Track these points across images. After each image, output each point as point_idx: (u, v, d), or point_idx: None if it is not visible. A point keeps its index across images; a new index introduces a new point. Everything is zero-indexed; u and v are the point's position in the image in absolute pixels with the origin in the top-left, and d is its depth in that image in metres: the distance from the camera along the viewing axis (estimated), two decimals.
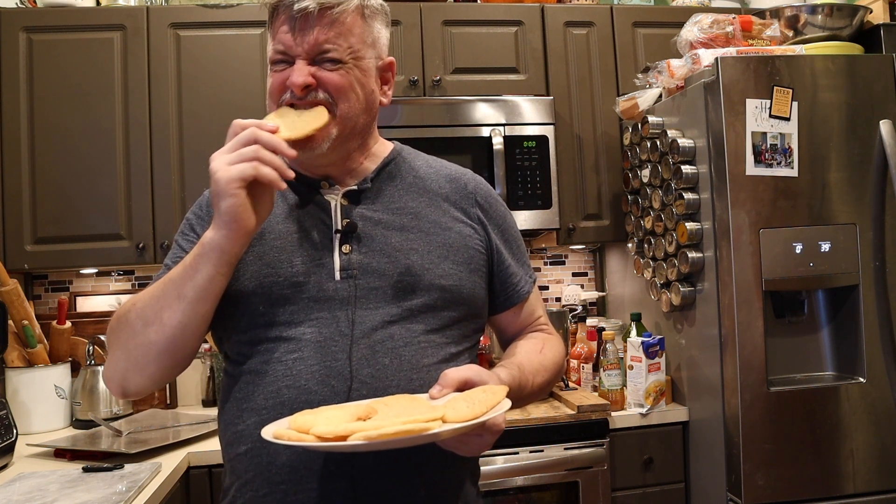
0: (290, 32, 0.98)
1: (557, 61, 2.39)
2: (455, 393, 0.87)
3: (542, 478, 1.93)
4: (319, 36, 0.98)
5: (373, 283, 0.99)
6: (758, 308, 1.81)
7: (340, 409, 0.85)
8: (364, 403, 0.86)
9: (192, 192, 2.17)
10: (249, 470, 0.95)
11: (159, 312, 0.93)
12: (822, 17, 2.14)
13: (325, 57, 0.99)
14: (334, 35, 0.99)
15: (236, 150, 0.87)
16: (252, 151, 0.86)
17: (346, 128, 1.01)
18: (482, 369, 0.91)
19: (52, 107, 2.13)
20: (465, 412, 0.78)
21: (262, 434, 0.81)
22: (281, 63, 1.00)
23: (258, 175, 0.86)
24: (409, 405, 0.85)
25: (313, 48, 0.98)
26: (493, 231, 1.10)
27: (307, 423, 0.78)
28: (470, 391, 0.86)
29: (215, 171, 0.87)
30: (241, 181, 0.86)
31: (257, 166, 0.86)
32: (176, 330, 0.93)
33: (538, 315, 1.18)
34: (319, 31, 0.98)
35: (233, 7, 2.25)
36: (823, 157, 1.87)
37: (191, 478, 1.77)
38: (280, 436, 0.78)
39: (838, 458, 1.82)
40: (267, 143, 0.88)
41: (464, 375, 0.88)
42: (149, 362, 0.95)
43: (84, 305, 2.47)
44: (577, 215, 2.38)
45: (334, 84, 0.99)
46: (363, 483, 0.92)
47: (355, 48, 1.01)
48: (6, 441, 1.66)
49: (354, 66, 1.01)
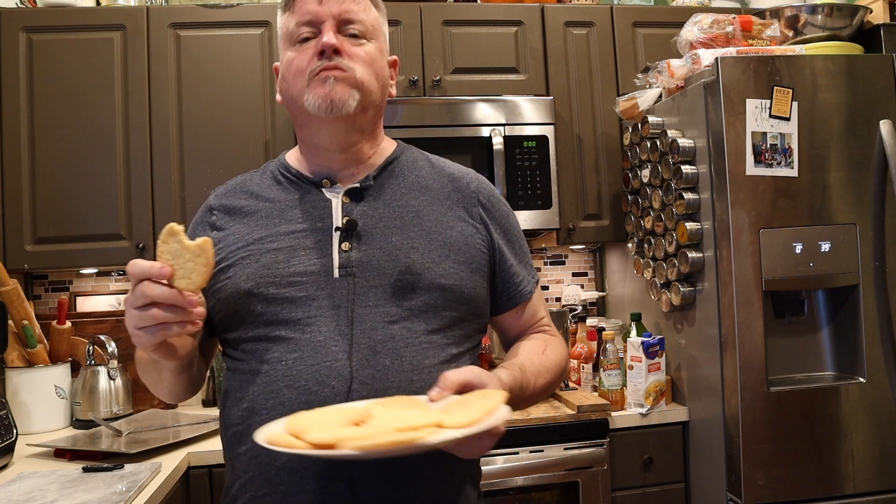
0: (317, 2, 1.00)
1: (557, 61, 2.39)
2: (454, 396, 0.86)
3: (542, 478, 1.93)
4: (346, 6, 1.01)
5: (372, 282, 0.99)
6: (758, 308, 1.81)
7: (336, 412, 0.84)
8: (361, 406, 0.86)
9: (192, 192, 2.17)
10: (249, 470, 0.96)
11: (155, 383, 1.05)
12: (822, 17, 2.14)
13: (350, 29, 1.02)
14: (358, 8, 1.02)
15: (138, 310, 0.83)
16: (153, 318, 0.83)
17: (365, 99, 1.02)
18: (482, 371, 0.91)
19: (52, 107, 2.13)
20: (462, 418, 0.77)
21: (255, 438, 0.81)
22: (306, 41, 1.02)
23: (165, 337, 0.85)
24: (407, 408, 0.84)
25: (341, 16, 1.01)
26: (496, 231, 1.10)
27: (303, 426, 0.78)
28: (468, 395, 0.85)
29: (129, 331, 0.86)
30: (151, 347, 0.86)
31: (163, 333, 0.84)
32: (178, 386, 1.04)
33: (541, 316, 1.17)
34: (346, 2, 1.01)
35: (233, 7, 2.25)
36: (823, 157, 1.87)
37: (191, 478, 1.77)
38: (274, 441, 0.77)
39: (838, 458, 1.82)
40: (163, 300, 0.83)
41: (463, 378, 0.87)
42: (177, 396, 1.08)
43: (84, 305, 2.47)
44: (577, 215, 2.38)
45: (358, 56, 1.02)
46: (362, 485, 0.92)
47: (374, 27, 1.05)
48: (6, 441, 1.66)
49: (374, 43, 1.04)
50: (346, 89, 1.00)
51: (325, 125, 1.03)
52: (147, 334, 0.84)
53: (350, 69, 1.00)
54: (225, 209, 1.09)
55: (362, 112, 1.03)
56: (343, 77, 1.00)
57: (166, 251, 0.86)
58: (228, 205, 1.09)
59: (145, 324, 0.83)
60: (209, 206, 1.11)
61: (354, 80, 1.00)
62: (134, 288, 0.84)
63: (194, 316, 0.85)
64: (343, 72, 1.00)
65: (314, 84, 1.00)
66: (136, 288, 0.83)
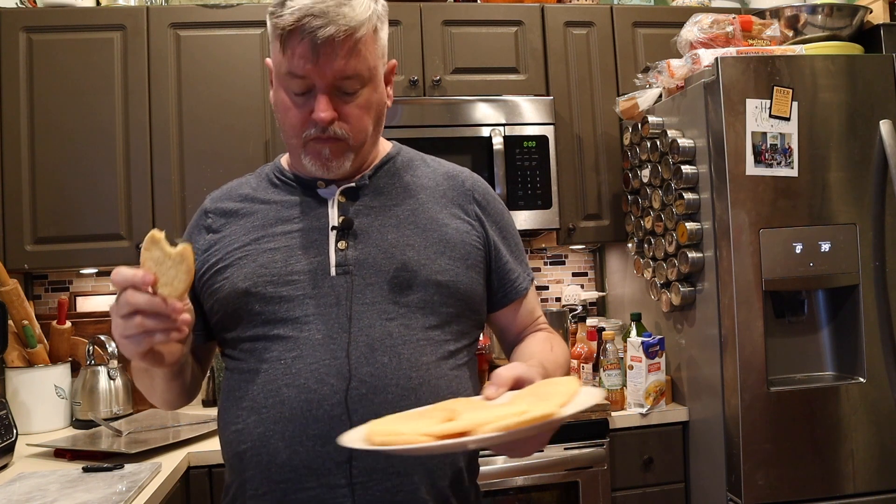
0: (312, 60, 0.94)
1: (557, 61, 2.39)
2: (511, 392, 0.85)
3: (542, 478, 1.93)
4: (341, 65, 0.95)
5: (369, 279, 0.99)
6: (758, 308, 1.81)
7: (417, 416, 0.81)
8: (428, 408, 0.84)
9: (192, 192, 2.17)
10: (249, 468, 0.96)
11: (149, 390, 1.05)
12: (822, 17, 2.14)
13: (345, 87, 0.98)
14: (355, 62, 0.96)
15: (122, 317, 0.83)
16: (138, 327, 0.82)
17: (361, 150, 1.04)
18: (527, 366, 0.90)
19: (52, 107, 2.13)
20: (551, 404, 0.75)
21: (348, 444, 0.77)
22: (300, 95, 0.98)
23: (151, 345, 0.85)
24: (480, 405, 0.82)
25: (336, 79, 0.96)
26: (491, 228, 1.10)
27: (393, 429, 0.74)
28: (534, 386, 0.84)
29: (116, 340, 0.86)
30: (138, 356, 0.86)
31: (149, 341, 0.84)
32: (170, 393, 1.04)
33: (538, 314, 1.18)
34: (342, 60, 0.95)
35: (233, 7, 2.25)
36: (823, 157, 1.87)
37: (191, 478, 1.77)
38: (388, 442, 0.73)
39: (838, 458, 1.82)
40: (147, 308, 0.82)
41: (516, 373, 0.87)
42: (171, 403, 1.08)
43: (84, 305, 2.47)
44: (577, 215, 2.38)
45: (353, 117, 1.00)
46: (362, 482, 0.92)
47: (372, 67, 1.00)
48: (6, 441, 1.66)
49: (369, 86, 1.00)
50: (340, 154, 1.01)
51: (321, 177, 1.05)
52: (132, 343, 0.84)
53: (345, 137, 0.99)
54: (221, 212, 1.09)
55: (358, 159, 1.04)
56: (336, 149, 1.00)
57: (149, 259, 0.85)
58: (224, 207, 1.09)
59: (130, 332, 0.83)
60: (204, 210, 1.12)
61: (348, 146, 1.01)
62: (118, 296, 0.84)
63: (179, 323, 0.84)
64: (337, 142, 1.00)
65: (310, 149, 1.01)
66: (121, 296, 0.83)
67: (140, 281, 0.82)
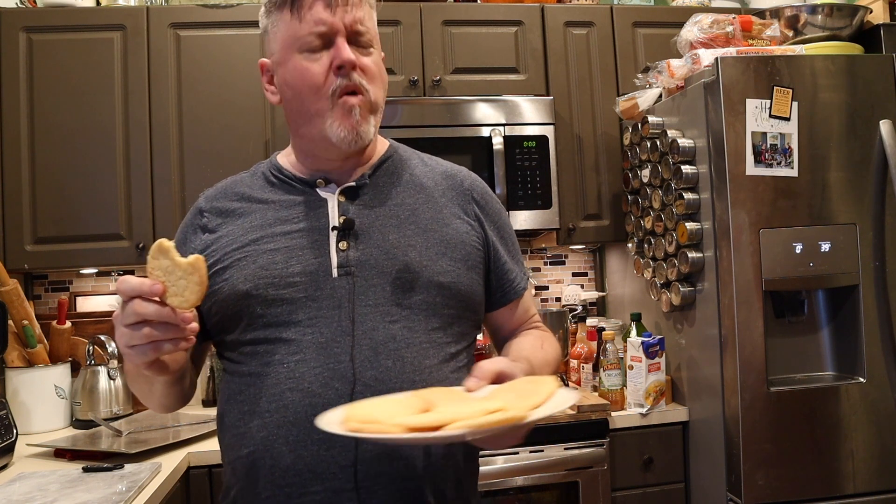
0: (329, 10, 0.98)
1: (557, 61, 2.39)
2: (492, 385, 0.86)
3: (541, 478, 1.93)
4: (357, 13, 0.99)
5: (371, 280, 0.98)
6: (758, 308, 1.81)
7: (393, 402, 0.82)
8: (409, 395, 0.85)
9: (192, 192, 2.17)
10: (252, 473, 0.95)
11: (146, 395, 1.04)
12: (822, 17, 2.14)
13: (360, 39, 1.00)
14: (367, 16, 1.01)
15: (129, 326, 0.82)
16: (143, 337, 0.81)
17: (377, 113, 1.03)
18: (511, 361, 0.92)
19: (52, 107, 2.13)
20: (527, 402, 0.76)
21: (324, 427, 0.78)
22: (317, 51, 0.99)
23: (158, 355, 0.84)
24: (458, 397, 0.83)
25: (353, 27, 0.99)
26: (490, 227, 1.10)
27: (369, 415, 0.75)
28: (514, 382, 0.85)
29: (121, 348, 0.85)
30: (143, 364, 0.85)
31: (156, 350, 0.83)
32: (169, 398, 1.03)
33: (532, 313, 1.18)
34: (357, 9, 0.99)
35: (233, 7, 2.25)
36: (823, 157, 1.87)
37: (191, 478, 1.77)
38: (360, 430, 0.74)
39: (838, 458, 1.82)
40: (155, 318, 0.81)
41: (498, 367, 0.88)
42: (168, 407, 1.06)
43: (84, 305, 2.47)
44: (577, 215, 2.38)
45: (370, 70, 1.01)
46: (367, 486, 0.92)
47: (376, 31, 1.04)
48: (6, 441, 1.66)
49: (377, 51, 1.04)
50: (366, 116, 1.00)
51: (343, 151, 1.02)
52: (138, 353, 0.82)
53: (367, 91, 1.00)
54: (216, 211, 1.07)
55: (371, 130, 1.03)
56: (363, 103, 0.99)
57: (157, 268, 0.83)
58: (220, 207, 1.07)
59: (137, 342, 0.82)
60: (199, 209, 1.10)
61: (371, 104, 1.01)
62: (124, 305, 0.82)
63: (188, 333, 0.83)
64: (362, 95, 0.99)
65: (339, 112, 0.99)
66: (127, 305, 0.81)
67: (148, 291, 0.81)
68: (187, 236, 1.08)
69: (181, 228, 1.11)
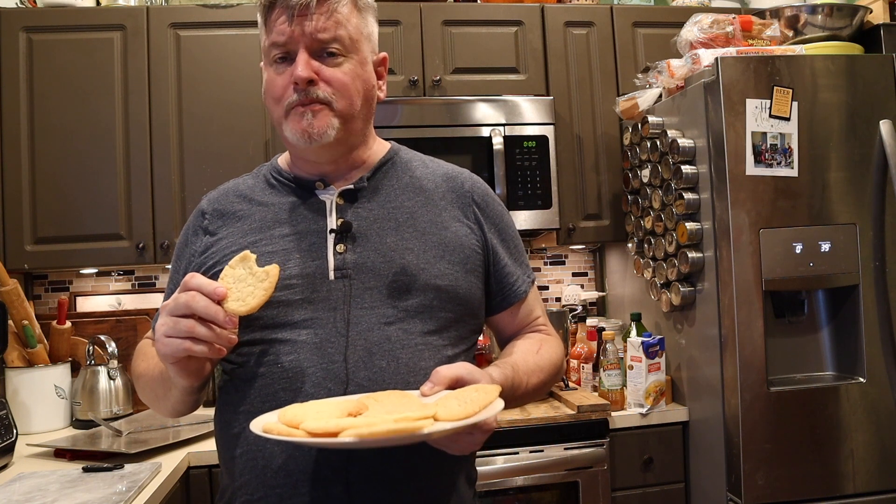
0: (287, 23, 0.97)
1: (557, 61, 2.39)
2: (446, 391, 0.86)
3: (541, 478, 1.93)
4: (319, 24, 0.97)
5: (368, 283, 0.98)
6: (758, 308, 1.81)
7: (330, 404, 0.84)
8: (354, 398, 0.86)
9: (192, 192, 2.17)
10: (245, 473, 0.95)
11: (159, 399, 1.02)
12: (822, 17, 2.14)
13: (327, 49, 0.98)
14: (333, 25, 0.98)
15: (175, 317, 0.84)
16: (187, 329, 0.83)
17: (348, 123, 1.01)
18: (474, 367, 0.91)
19: (52, 107, 2.13)
20: (456, 411, 0.77)
21: (251, 427, 0.81)
22: (281, 62, 1.00)
23: (190, 352, 0.84)
24: (400, 402, 0.84)
25: (314, 38, 0.97)
26: (490, 230, 1.09)
27: (297, 417, 0.77)
28: (462, 389, 0.85)
29: (157, 337, 0.86)
30: (173, 357, 0.85)
31: (190, 346, 0.83)
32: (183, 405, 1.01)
33: (536, 315, 1.16)
34: (318, 20, 0.97)
35: (233, 7, 2.25)
36: (823, 157, 1.87)
37: (191, 478, 1.77)
38: (269, 430, 0.77)
39: (838, 458, 1.82)
40: (203, 314, 0.83)
41: (455, 373, 0.87)
42: (178, 413, 1.04)
43: (84, 305, 2.47)
44: (577, 215, 2.38)
45: (337, 81, 0.99)
46: (358, 487, 0.92)
47: (354, 38, 1.01)
48: (6, 441, 1.66)
49: (354, 57, 1.01)
50: (325, 120, 0.99)
51: (310, 151, 1.03)
52: (172, 346, 0.83)
53: (327, 100, 0.98)
54: (218, 213, 1.08)
55: (346, 133, 1.02)
56: (320, 110, 0.98)
57: (230, 275, 0.88)
58: (221, 209, 1.08)
59: (176, 333, 0.83)
60: (201, 211, 1.10)
61: (332, 110, 0.99)
62: (177, 295, 0.84)
63: (225, 339, 0.85)
64: (320, 105, 0.98)
65: (292, 118, 0.99)
66: (181, 297, 0.84)
67: (211, 291, 0.84)
68: (189, 238, 1.09)
69: (184, 230, 1.12)
